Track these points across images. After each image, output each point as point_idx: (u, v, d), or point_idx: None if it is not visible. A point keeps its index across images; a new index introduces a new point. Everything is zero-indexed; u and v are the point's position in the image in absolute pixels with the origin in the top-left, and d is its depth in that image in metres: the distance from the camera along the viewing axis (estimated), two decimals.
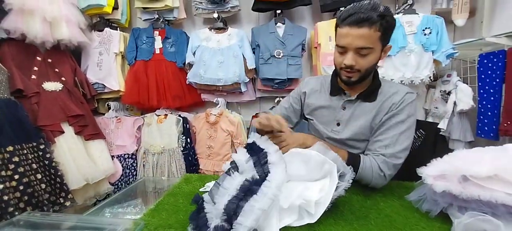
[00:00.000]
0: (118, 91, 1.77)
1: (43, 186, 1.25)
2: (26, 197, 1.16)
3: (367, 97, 0.87)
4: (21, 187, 1.15)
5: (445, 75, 1.64)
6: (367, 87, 0.87)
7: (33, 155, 1.25)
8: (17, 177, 1.16)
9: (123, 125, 1.79)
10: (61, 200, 1.30)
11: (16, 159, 1.18)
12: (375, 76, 0.88)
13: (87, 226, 0.74)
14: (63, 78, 1.57)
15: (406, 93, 0.84)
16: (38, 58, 1.51)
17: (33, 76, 1.46)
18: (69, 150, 1.43)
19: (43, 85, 1.47)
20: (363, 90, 0.87)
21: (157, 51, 1.75)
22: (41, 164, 1.28)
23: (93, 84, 1.74)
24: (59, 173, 1.33)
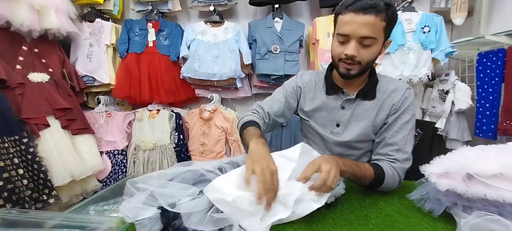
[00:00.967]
0: (108, 84, 1.71)
1: (25, 181, 1.19)
2: (6, 193, 1.10)
3: (366, 95, 0.83)
4: (0, 183, 1.09)
5: (443, 74, 1.64)
6: (365, 84, 0.84)
7: (15, 149, 1.19)
8: None
9: (113, 119, 1.73)
10: (44, 197, 1.24)
11: None
12: (372, 72, 0.84)
13: (69, 224, 0.69)
14: (50, 70, 1.50)
15: (406, 90, 0.82)
16: (24, 47, 1.44)
17: (18, 66, 1.39)
18: (55, 144, 1.37)
19: (28, 76, 1.41)
20: (361, 88, 0.83)
21: (150, 44, 1.70)
22: (24, 158, 1.22)
23: (82, 77, 1.67)
24: (42, 169, 1.26)
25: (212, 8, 1.65)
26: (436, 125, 1.52)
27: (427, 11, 1.69)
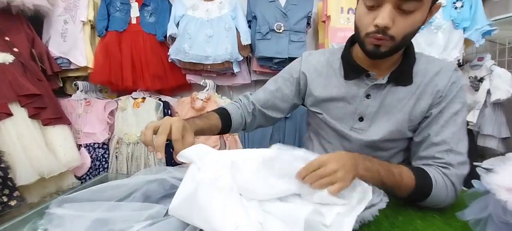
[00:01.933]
0: (86, 68, 1.54)
1: None
2: None
3: (400, 79, 0.64)
4: None
5: (474, 59, 1.43)
6: (399, 64, 0.65)
7: None
8: None
9: (92, 108, 1.56)
10: (4, 199, 1.08)
11: None
12: (408, 49, 0.65)
13: None
14: (15, 49, 1.33)
15: (453, 72, 0.63)
16: None
17: None
18: (19, 137, 1.21)
19: None
20: (394, 69, 0.64)
21: (134, 21, 1.51)
22: None
23: (56, 58, 1.50)
24: (2, 165, 1.11)
25: None
26: (467, 118, 1.33)
27: None
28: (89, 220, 0.41)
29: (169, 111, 1.56)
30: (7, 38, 1.32)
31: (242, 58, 1.51)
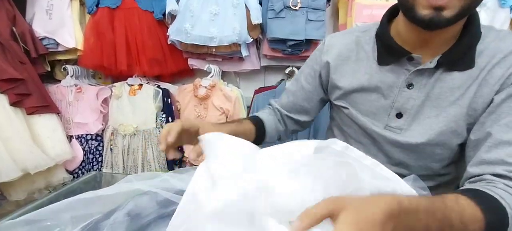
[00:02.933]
0: (76, 50, 1.40)
1: None
2: None
3: (456, 62, 0.49)
4: None
5: None
6: (454, 42, 0.49)
7: None
8: None
9: (84, 96, 1.44)
10: None
11: None
12: (472, 21, 0.49)
13: None
14: None
15: None
16: None
17: None
18: None
19: None
20: (447, 49, 0.49)
21: None
22: None
23: (41, 39, 1.36)
24: None
25: None
26: None
27: None
28: None
29: (168, 99, 1.43)
30: None
31: (252, 40, 1.36)
